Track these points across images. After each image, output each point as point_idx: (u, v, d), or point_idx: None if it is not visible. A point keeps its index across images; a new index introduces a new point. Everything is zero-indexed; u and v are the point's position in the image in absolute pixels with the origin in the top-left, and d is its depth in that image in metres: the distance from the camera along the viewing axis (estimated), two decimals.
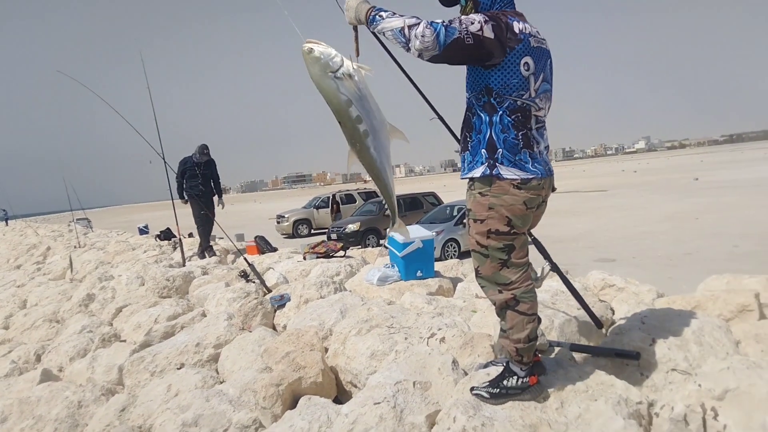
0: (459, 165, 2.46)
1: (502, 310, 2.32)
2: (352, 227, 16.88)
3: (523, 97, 2.16)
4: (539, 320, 2.39)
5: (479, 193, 2.23)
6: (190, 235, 11.48)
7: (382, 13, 2.13)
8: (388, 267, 4.87)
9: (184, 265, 7.45)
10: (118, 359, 3.89)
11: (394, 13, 2.11)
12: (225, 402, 2.77)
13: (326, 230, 18.86)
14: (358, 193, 24.75)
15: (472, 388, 2.36)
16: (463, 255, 13.57)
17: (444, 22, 2.04)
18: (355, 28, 2.33)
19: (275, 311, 4.57)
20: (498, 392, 2.29)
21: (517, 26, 2.12)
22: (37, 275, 9.47)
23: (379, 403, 2.37)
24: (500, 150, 2.18)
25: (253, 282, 5.49)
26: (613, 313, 3.42)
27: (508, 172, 2.17)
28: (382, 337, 3.15)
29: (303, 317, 3.95)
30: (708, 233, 13.35)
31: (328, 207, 23.56)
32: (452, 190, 31.39)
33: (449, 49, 2.03)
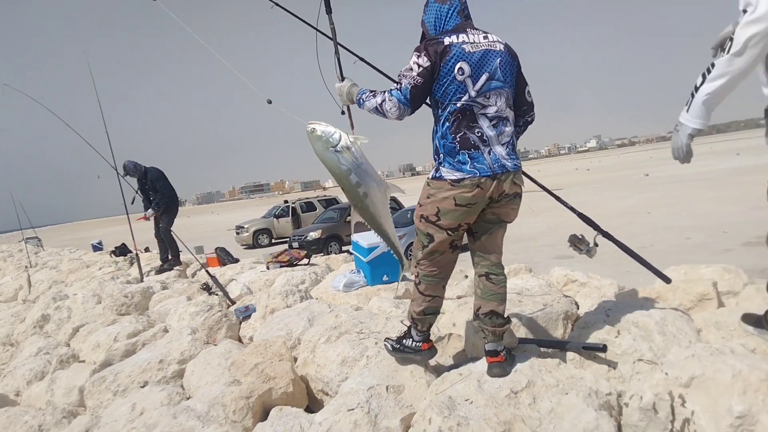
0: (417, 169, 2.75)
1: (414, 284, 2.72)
2: (313, 235, 16.78)
3: (462, 100, 2.42)
4: (497, 317, 2.57)
5: (427, 184, 2.57)
6: (146, 249, 11.22)
7: (363, 96, 2.53)
8: (354, 273, 4.84)
9: (142, 281, 7.26)
10: (78, 380, 3.76)
11: (372, 92, 2.51)
12: (193, 418, 2.70)
13: (287, 239, 18.70)
14: (318, 200, 24.63)
15: (385, 339, 2.87)
16: None
17: (396, 86, 2.43)
18: (348, 108, 2.97)
19: (240, 323, 4.49)
20: (398, 347, 2.75)
21: (447, 40, 2.41)
22: None
23: (352, 409, 2.35)
24: (442, 154, 2.49)
25: (216, 294, 5.39)
26: (578, 308, 3.48)
27: (446, 173, 2.47)
28: (352, 343, 3.13)
29: (270, 327, 3.90)
30: (660, 227, 13.76)
31: (288, 216, 23.38)
32: (411, 194, 31.61)
33: (414, 100, 2.42)
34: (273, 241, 22.89)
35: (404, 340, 2.75)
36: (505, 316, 2.59)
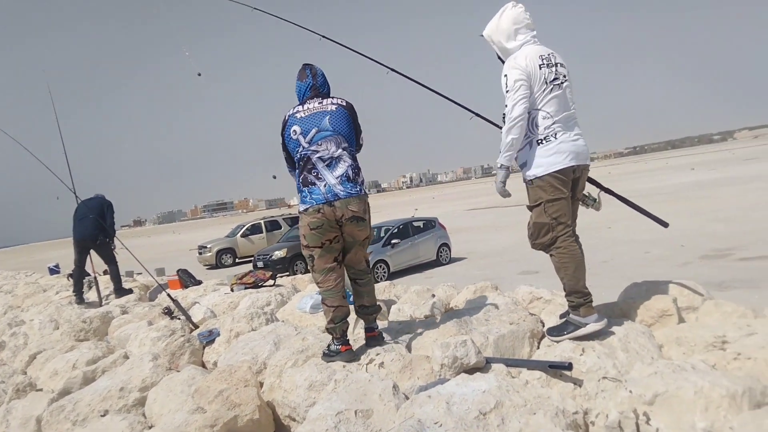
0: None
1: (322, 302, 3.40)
2: (278, 254, 16.62)
3: (300, 152, 3.30)
4: (375, 309, 3.53)
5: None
6: (105, 272, 10.93)
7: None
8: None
9: (101, 305, 7.05)
10: (36, 410, 3.61)
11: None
12: None
13: (251, 259, 18.47)
14: (284, 218, 24.45)
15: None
16: (393, 276, 13.64)
17: (287, 167, 3.55)
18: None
19: (204, 348, 4.39)
20: (327, 353, 3.30)
21: (287, 114, 3.39)
22: None
23: None
24: (298, 194, 3.34)
25: (179, 318, 5.26)
26: (543, 326, 3.50)
27: (300, 207, 3.30)
28: (320, 366, 3.09)
29: (235, 352, 3.82)
30: (621, 241, 14.08)
31: (253, 234, 23.15)
32: (377, 210, 31.63)
33: (288, 163, 3.49)
34: (237, 261, 22.59)
35: (330, 347, 3.33)
36: (377, 303, 3.58)
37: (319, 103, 3.37)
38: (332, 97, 3.45)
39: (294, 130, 3.30)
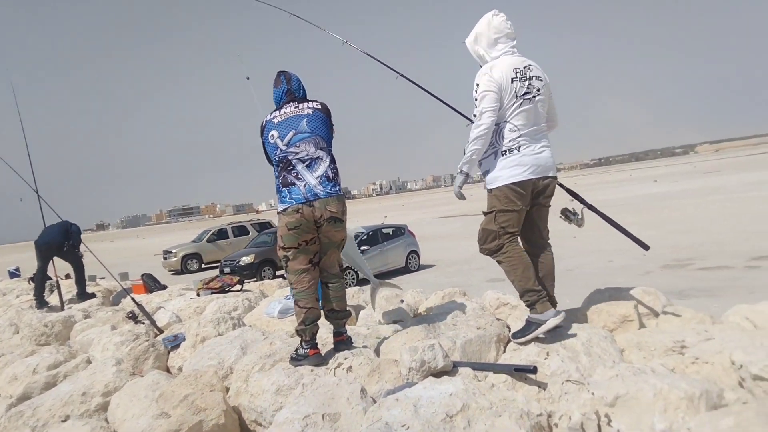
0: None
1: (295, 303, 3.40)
2: (246, 259, 16.44)
3: (278, 154, 3.34)
4: (341, 315, 3.52)
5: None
6: (68, 276, 10.67)
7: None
8: (289, 298, 4.77)
9: (63, 309, 6.89)
10: None
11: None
12: None
13: (218, 264, 18.24)
14: (252, 224, 24.21)
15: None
16: (362, 282, 13.60)
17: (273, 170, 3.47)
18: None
19: (169, 353, 4.32)
20: (295, 357, 3.28)
21: (265, 120, 3.46)
22: None
23: None
24: (277, 195, 3.36)
25: (143, 323, 5.17)
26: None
27: (279, 207, 3.33)
28: (287, 370, 3.08)
29: (200, 357, 3.77)
30: (586, 250, 14.33)
31: (220, 239, 22.89)
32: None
33: (269, 161, 3.48)
34: (203, 266, 22.28)
35: (298, 350, 3.31)
36: (347, 309, 3.60)
37: (295, 107, 3.44)
38: (308, 101, 3.51)
39: (272, 135, 3.37)
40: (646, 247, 3.36)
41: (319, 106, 3.49)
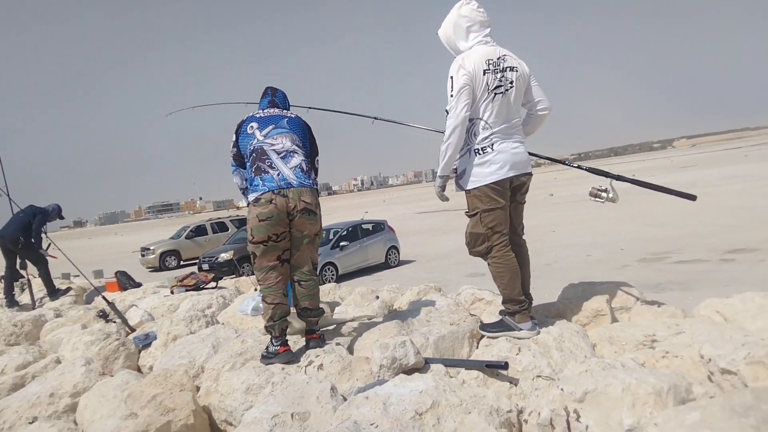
0: None
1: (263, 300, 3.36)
2: (224, 256, 16.29)
3: (254, 143, 3.38)
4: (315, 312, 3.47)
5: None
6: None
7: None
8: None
9: (34, 308, 6.76)
10: None
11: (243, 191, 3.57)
12: None
13: (197, 261, 18.08)
14: (231, 220, 24.02)
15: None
16: (341, 278, 13.58)
17: (232, 165, 3.57)
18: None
19: (140, 352, 4.25)
20: (265, 355, 3.23)
21: (245, 117, 3.50)
22: None
23: None
24: (249, 187, 3.36)
25: (114, 322, 5.08)
26: None
27: (250, 197, 3.28)
28: (258, 369, 3.03)
29: (171, 356, 3.71)
30: (564, 245, 14.44)
31: (199, 236, 22.66)
32: (327, 213, 31.52)
33: (236, 160, 3.53)
34: (182, 263, 22.06)
35: (268, 348, 3.26)
36: (319, 307, 3.51)
37: (278, 110, 3.59)
38: (285, 110, 3.67)
39: (251, 126, 3.43)
40: (693, 198, 3.29)
41: (302, 119, 3.65)
